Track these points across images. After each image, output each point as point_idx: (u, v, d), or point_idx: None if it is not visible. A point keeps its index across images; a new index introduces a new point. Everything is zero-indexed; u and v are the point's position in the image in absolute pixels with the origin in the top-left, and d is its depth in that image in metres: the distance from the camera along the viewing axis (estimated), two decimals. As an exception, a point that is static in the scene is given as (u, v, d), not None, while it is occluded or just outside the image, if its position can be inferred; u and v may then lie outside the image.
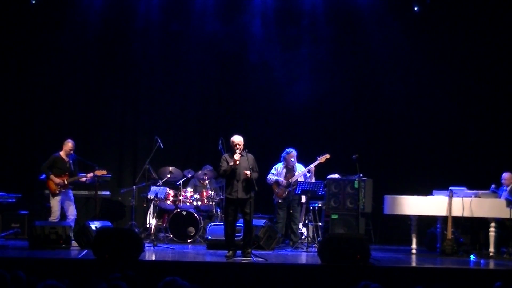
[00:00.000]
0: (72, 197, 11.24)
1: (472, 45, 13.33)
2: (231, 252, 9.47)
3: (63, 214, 11.14)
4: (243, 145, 9.68)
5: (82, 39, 13.56)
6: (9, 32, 13.30)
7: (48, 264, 8.31)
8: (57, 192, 11.00)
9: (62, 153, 11.22)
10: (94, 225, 10.47)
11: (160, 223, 12.12)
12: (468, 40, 13.34)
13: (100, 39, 13.67)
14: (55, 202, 11.01)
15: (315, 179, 11.52)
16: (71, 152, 11.24)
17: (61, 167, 11.13)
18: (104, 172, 11.53)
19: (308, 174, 11.50)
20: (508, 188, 10.81)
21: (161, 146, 11.63)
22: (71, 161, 11.24)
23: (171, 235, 11.85)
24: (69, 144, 11.22)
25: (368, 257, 8.71)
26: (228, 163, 9.66)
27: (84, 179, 11.34)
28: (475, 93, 13.43)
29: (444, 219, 10.69)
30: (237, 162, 9.55)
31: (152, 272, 8.14)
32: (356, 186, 11.16)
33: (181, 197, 11.97)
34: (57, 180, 11.01)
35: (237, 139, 9.69)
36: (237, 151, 9.60)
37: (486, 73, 13.39)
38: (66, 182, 11.05)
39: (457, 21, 13.36)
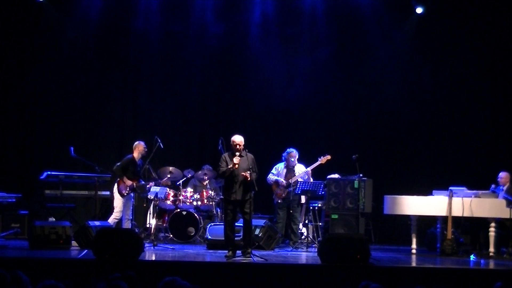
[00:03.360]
0: (133, 200, 11.24)
1: (472, 45, 13.34)
2: (231, 252, 9.46)
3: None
4: (243, 145, 9.67)
5: (82, 38, 13.56)
6: (9, 31, 13.29)
7: (48, 264, 8.30)
8: (125, 194, 10.98)
9: (135, 155, 11.14)
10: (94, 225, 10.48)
11: (160, 223, 12.11)
12: (467, 41, 13.35)
13: (100, 39, 13.67)
14: (120, 202, 10.99)
15: (315, 179, 11.52)
16: (144, 153, 11.16)
17: (133, 170, 11.08)
18: (169, 183, 11.58)
19: (305, 176, 11.48)
20: (505, 188, 10.82)
21: (161, 146, 11.62)
22: (140, 165, 11.21)
23: (171, 235, 11.84)
24: (141, 145, 11.14)
25: (368, 257, 8.71)
26: (227, 164, 9.63)
27: (149, 185, 11.30)
28: (475, 93, 13.44)
29: (444, 219, 10.69)
30: (236, 166, 9.53)
31: (152, 272, 8.12)
32: (356, 186, 11.17)
33: (181, 197, 11.98)
34: (129, 182, 10.98)
35: (238, 139, 9.66)
36: (237, 152, 9.57)
37: (486, 73, 13.40)
38: (135, 186, 11.05)
39: (457, 22, 13.36)
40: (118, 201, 11.05)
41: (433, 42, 13.52)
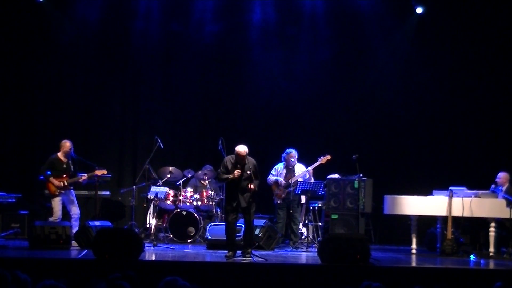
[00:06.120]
0: (74, 197, 11.21)
1: (472, 45, 13.33)
2: (231, 252, 9.46)
3: (66, 213, 11.12)
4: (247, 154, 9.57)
5: (82, 38, 13.57)
6: (9, 31, 13.29)
7: (48, 264, 8.30)
8: (56, 193, 10.96)
9: (59, 154, 11.12)
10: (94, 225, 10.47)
11: (160, 223, 12.12)
12: (467, 41, 13.34)
13: (100, 39, 13.67)
14: (55, 203, 10.97)
15: (315, 179, 11.52)
16: (69, 152, 11.12)
17: (59, 168, 11.06)
18: (104, 172, 11.44)
19: (307, 176, 11.47)
20: (504, 188, 10.81)
21: (161, 146, 11.63)
22: (70, 162, 11.17)
23: (171, 235, 11.85)
24: (66, 144, 11.11)
25: (368, 257, 8.71)
26: (228, 170, 9.58)
27: (81, 179, 11.24)
28: (475, 93, 13.42)
29: (444, 219, 10.69)
30: (237, 178, 9.49)
31: (152, 272, 8.13)
32: (356, 186, 11.16)
33: (181, 197, 11.98)
34: (56, 183, 10.94)
35: (241, 150, 9.51)
36: (239, 164, 9.51)
37: (486, 73, 13.38)
38: (65, 183, 11.02)
39: (457, 23, 13.35)
40: (53, 202, 11.00)
41: (433, 42, 13.51)
